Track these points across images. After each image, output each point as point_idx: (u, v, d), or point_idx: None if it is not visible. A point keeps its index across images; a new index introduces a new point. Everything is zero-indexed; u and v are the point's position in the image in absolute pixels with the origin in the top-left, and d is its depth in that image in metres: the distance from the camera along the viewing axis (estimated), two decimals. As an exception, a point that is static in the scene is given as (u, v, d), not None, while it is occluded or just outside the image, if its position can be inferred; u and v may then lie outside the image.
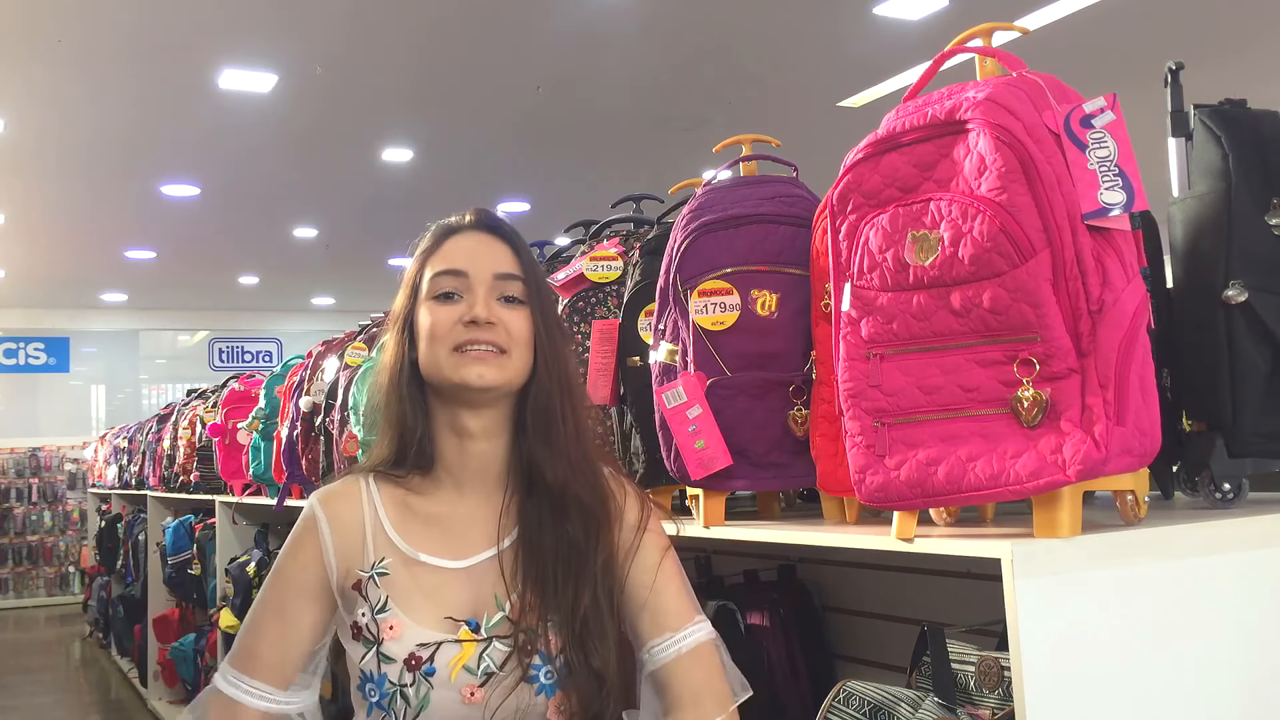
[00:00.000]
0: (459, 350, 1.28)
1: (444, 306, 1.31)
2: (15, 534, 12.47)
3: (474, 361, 1.27)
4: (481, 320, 1.28)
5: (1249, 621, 1.26)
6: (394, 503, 1.34)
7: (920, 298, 1.19)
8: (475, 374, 1.27)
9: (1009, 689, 1.37)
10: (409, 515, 1.33)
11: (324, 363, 3.27)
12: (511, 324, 1.30)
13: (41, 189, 8.80)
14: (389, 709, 1.24)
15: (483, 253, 1.33)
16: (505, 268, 1.33)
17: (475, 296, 1.30)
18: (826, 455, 1.48)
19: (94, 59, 6.21)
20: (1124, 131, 1.16)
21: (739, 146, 1.75)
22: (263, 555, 4.45)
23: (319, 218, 10.35)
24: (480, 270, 1.32)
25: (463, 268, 1.32)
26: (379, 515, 1.33)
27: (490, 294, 1.31)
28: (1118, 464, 1.14)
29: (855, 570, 2.08)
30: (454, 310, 1.30)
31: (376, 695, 1.24)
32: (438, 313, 1.30)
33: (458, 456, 1.33)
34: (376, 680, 1.25)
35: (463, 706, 1.23)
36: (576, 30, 6.08)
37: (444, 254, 1.34)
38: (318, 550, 1.32)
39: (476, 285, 1.31)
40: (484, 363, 1.28)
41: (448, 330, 1.29)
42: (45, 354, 14.16)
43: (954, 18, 5.84)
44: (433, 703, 1.23)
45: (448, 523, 1.33)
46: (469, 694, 1.23)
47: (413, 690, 1.23)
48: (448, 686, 1.23)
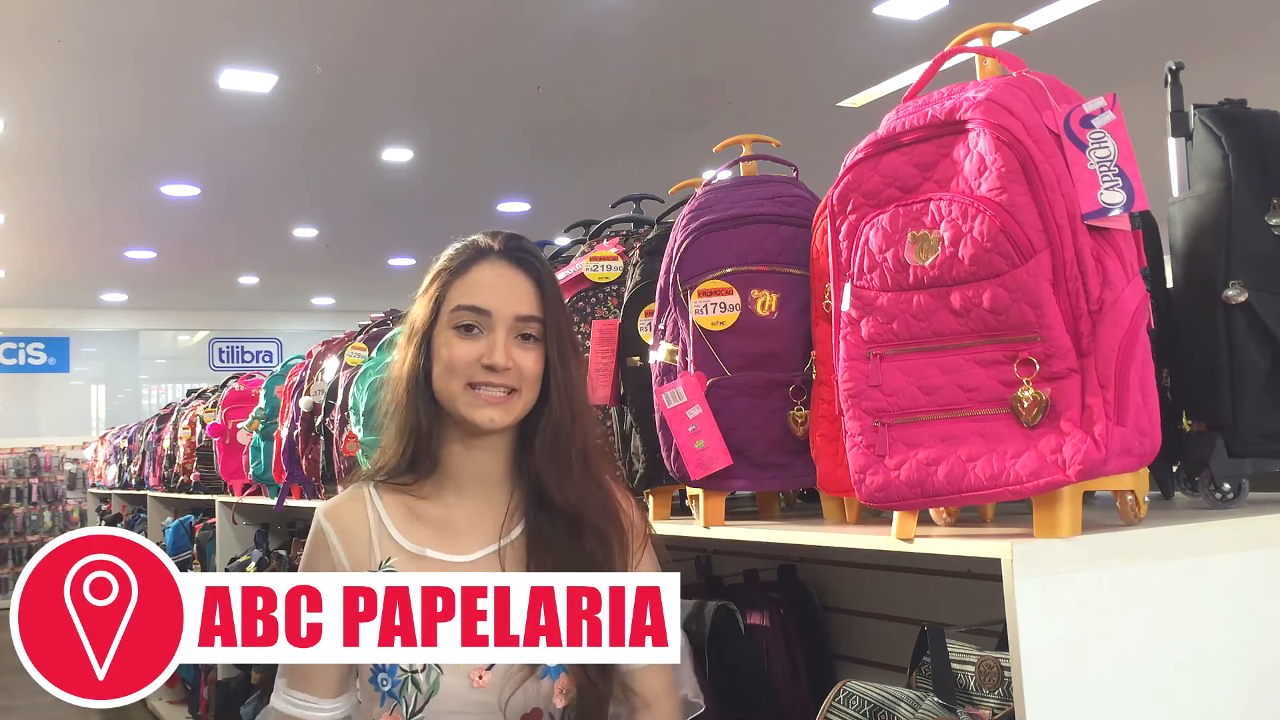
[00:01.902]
0: (473, 388, 1.32)
1: (463, 341, 1.34)
2: (15, 534, 12.47)
3: (485, 405, 1.32)
4: (500, 367, 1.32)
5: (1249, 621, 1.26)
6: (397, 507, 1.38)
7: (920, 298, 1.19)
8: (485, 417, 1.32)
9: (1009, 689, 1.37)
10: (412, 518, 1.38)
11: (324, 363, 3.27)
12: (525, 364, 1.34)
13: (41, 189, 8.80)
14: (400, 697, 1.28)
15: (506, 291, 1.35)
16: (527, 309, 1.35)
17: (495, 338, 1.33)
18: (826, 455, 1.48)
19: (94, 59, 6.22)
20: (1124, 131, 1.16)
21: (739, 146, 1.75)
22: (263, 555, 4.45)
23: (319, 218, 10.35)
24: (503, 310, 1.34)
25: (486, 306, 1.34)
26: (383, 520, 1.37)
27: (509, 335, 1.34)
28: (1118, 464, 1.14)
29: (855, 570, 2.08)
30: (473, 347, 1.33)
31: (389, 684, 1.29)
32: (456, 347, 1.34)
33: (461, 463, 1.38)
34: (388, 669, 1.29)
35: (471, 690, 1.28)
36: (576, 31, 6.08)
37: (469, 284, 1.36)
38: (330, 561, 1.36)
39: (498, 325, 1.34)
40: (495, 406, 1.33)
41: (464, 366, 1.33)
42: (45, 354, 14.17)
43: (954, 18, 5.84)
44: (443, 688, 1.28)
45: (450, 522, 1.37)
46: (477, 677, 1.28)
47: (423, 676, 1.28)
48: (457, 672, 1.28)
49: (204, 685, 5.10)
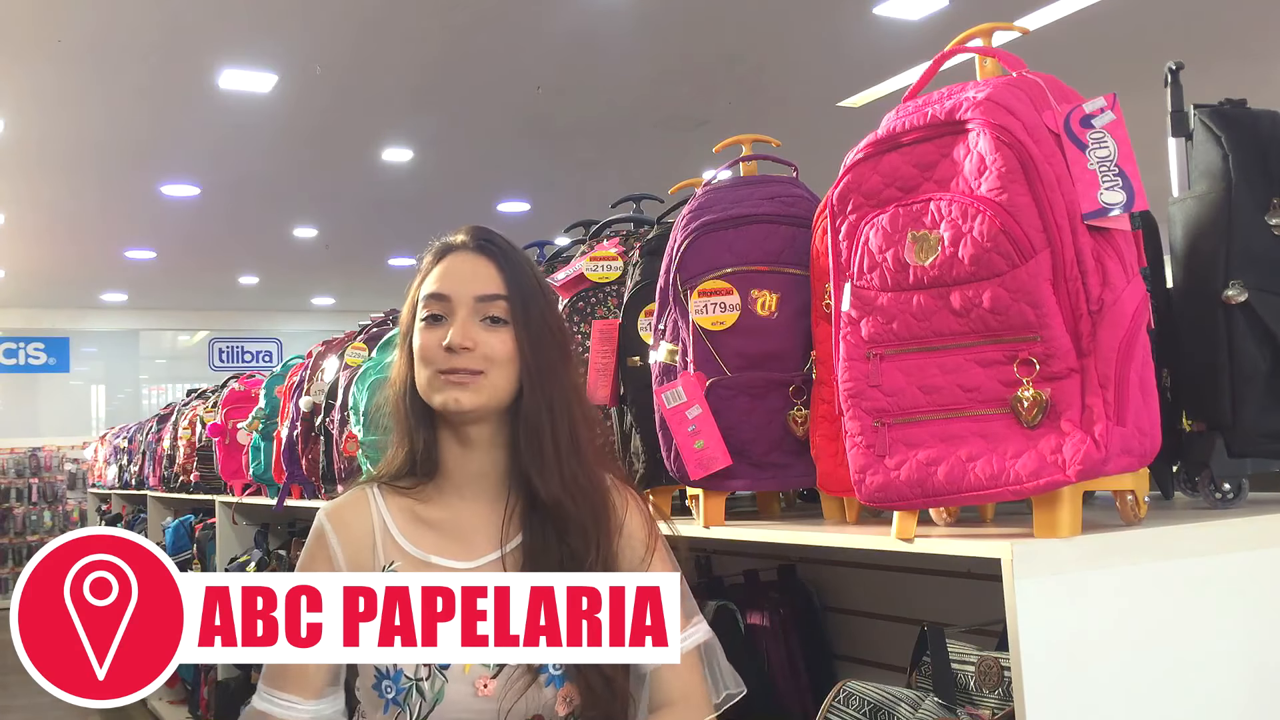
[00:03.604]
0: (440, 374, 1.32)
1: (429, 330, 1.34)
2: (15, 534, 12.46)
3: (450, 387, 1.31)
4: (456, 346, 1.31)
5: (1249, 621, 1.26)
6: (401, 511, 1.37)
7: (920, 298, 1.19)
8: (451, 399, 1.31)
9: (1009, 689, 1.37)
10: (416, 522, 1.37)
11: (324, 363, 3.27)
12: (491, 345, 1.32)
13: (41, 189, 8.80)
14: (404, 704, 1.27)
15: (467, 274, 1.35)
16: (487, 289, 1.34)
17: (455, 320, 1.33)
18: (826, 455, 1.48)
19: (94, 59, 6.21)
20: (1124, 131, 1.16)
21: (739, 146, 1.75)
22: (263, 555, 4.46)
23: (319, 218, 10.35)
24: (462, 293, 1.34)
25: (446, 291, 1.34)
26: (386, 523, 1.36)
27: (471, 317, 1.33)
28: (1118, 464, 1.14)
29: (855, 570, 2.08)
30: (437, 334, 1.33)
31: (393, 692, 1.28)
32: (424, 336, 1.34)
33: (459, 464, 1.37)
34: (393, 676, 1.28)
35: (475, 699, 1.27)
36: (576, 30, 6.08)
37: (435, 276, 1.37)
38: (328, 562, 1.35)
39: (458, 308, 1.33)
40: (459, 388, 1.31)
41: (431, 354, 1.33)
42: (45, 354, 14.16)
43: (954, 18, 5.84)
44: (447, 696, 1.27)
45: (453, 527, 1.37)
46: (482, 686, 1.27)
47: (428, 684, 1.27)
48: (462, 679, 1.27)
49: (204, 685, 5.11)
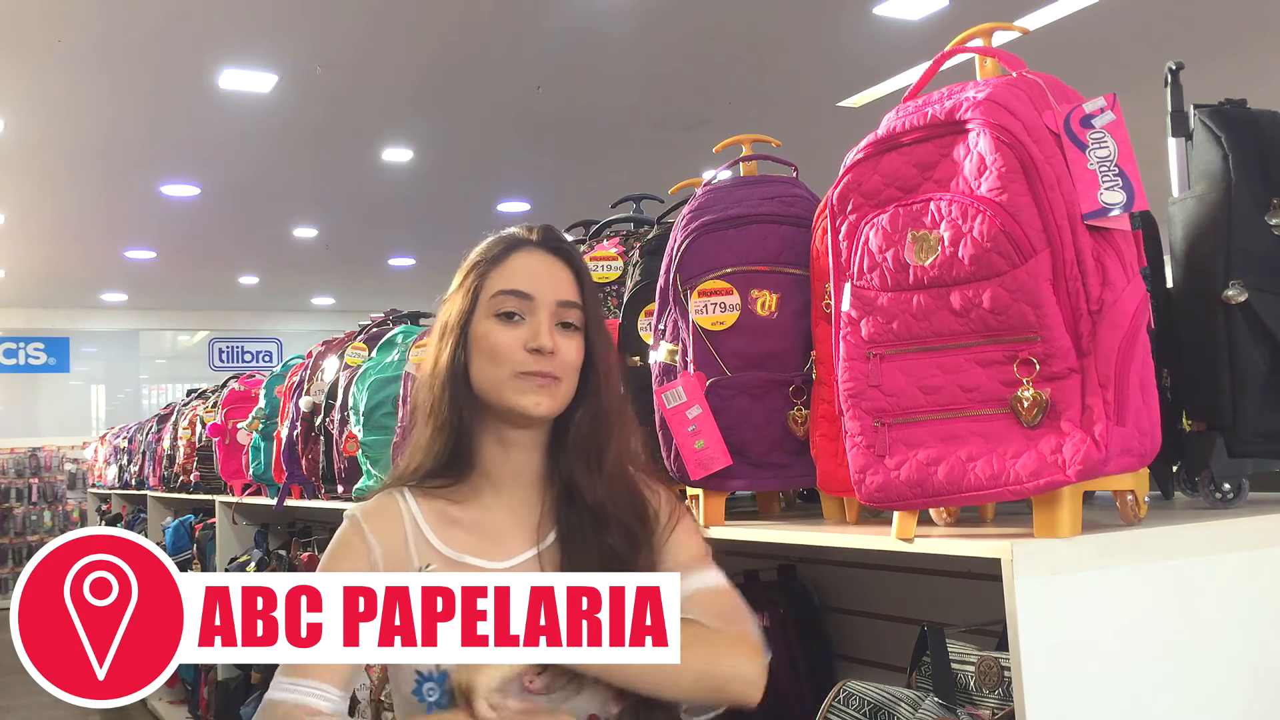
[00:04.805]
0: (520, 376, 1.30)
1: (506, 328, 1.31)
2: (15, 534, 12.45)
3: (533, 390, 1.30)
4: (546, 350, 1.29)
5: (1249, 621, 1.26)
6: (433, 513, 1.35)
7: (920, 298, 1.19)
8: (533, 403, 1.30)
9: (1009, 689, 1.37)
10: (449, 523, 1.34)
11: (324, 363, 3.27)
12: (569, 352, 1.32)
13: (41, 189, 8.80)
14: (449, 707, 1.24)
15: (547, 276, 1.34)
16: (567, 295, 1.34)
17: (538, 322, 1.31)
18: (826, 455, 1.48)
19: (94, 59, 6.21)
20: (1124, 131, 1.16)
21: (739, 146, 1.75)
22: (262, 555, 4.46)
23: (319, 218, 10.35)
24: (545, 295, 1.32)
25: (528, 290, 1.32)
26: (419, 525, 1.34)
27: (551, 320, 1.32)
28: (1118, 464, 1.14)
29: (855, 570, 2.08)
30: (517, 334, 1.31)
31: (436, 694, 1.26)
32: (500, 334, 1.31)
33: (497, 464, 1.35)
34: (436, 679, 1.26)
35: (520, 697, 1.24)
36: (576, 30, 6.08)
37: (509, 271, 1.34)
38: (365, 558, 1.32)
39: (540, 310, 1.32)
40: (541, 391, 1.30)
41: (510, 353, 1.30)
42: (45, 354, 14.16)
43: (954, 18, 5.84)
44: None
45: (487, 527, 1.35)
46: (528, 682, 1.24)
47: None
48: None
49: (204, 685, 5.11)
